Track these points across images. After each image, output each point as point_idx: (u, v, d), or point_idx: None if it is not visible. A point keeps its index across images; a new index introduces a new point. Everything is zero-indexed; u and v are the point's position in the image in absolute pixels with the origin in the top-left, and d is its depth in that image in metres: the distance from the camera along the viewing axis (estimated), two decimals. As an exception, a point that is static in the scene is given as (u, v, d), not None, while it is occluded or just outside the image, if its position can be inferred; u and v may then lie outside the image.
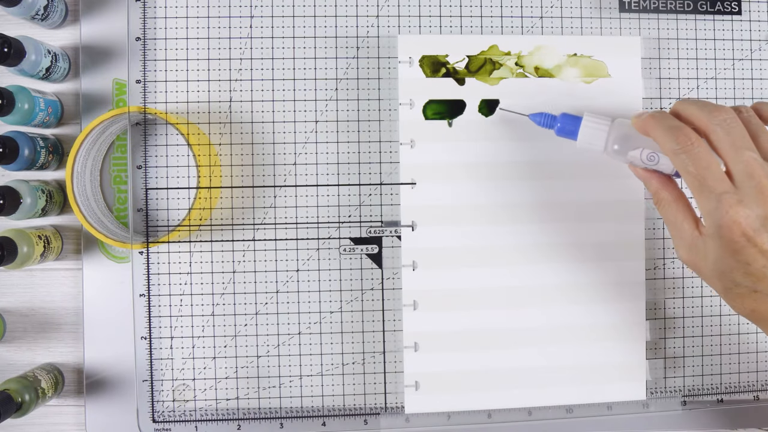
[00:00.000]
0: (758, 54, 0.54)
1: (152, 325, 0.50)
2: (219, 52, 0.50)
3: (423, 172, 0.51)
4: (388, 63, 0.51)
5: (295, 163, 0.51)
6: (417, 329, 0.51)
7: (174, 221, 0.50)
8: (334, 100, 0.51)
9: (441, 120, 0.51)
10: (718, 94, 0.53)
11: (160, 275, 0.50)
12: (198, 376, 0.50)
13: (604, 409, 0.52)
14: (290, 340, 0.51)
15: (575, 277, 0.51)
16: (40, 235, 0.48)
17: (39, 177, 0.51)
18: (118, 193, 0.51)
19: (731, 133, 0.37)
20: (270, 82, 0.51)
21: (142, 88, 0.50)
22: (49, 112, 0.48)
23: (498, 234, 0.51)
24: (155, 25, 0.50)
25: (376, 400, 0.51)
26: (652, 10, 0.53)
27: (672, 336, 0.53)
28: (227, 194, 0.51)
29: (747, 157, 0.36)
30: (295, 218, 0.51)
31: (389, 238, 0.51)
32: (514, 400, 0.51)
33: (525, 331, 0.51)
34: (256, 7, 0.50)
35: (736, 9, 0.53)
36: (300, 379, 0.51)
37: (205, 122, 0.50)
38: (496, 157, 0.51)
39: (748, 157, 0.36)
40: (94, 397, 0.51)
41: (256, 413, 0.50)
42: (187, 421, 0.50)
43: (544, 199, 0.51)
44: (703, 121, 0.38)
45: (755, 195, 0.35)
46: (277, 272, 0.51)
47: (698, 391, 0.53)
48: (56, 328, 0.51)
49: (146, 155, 0.50)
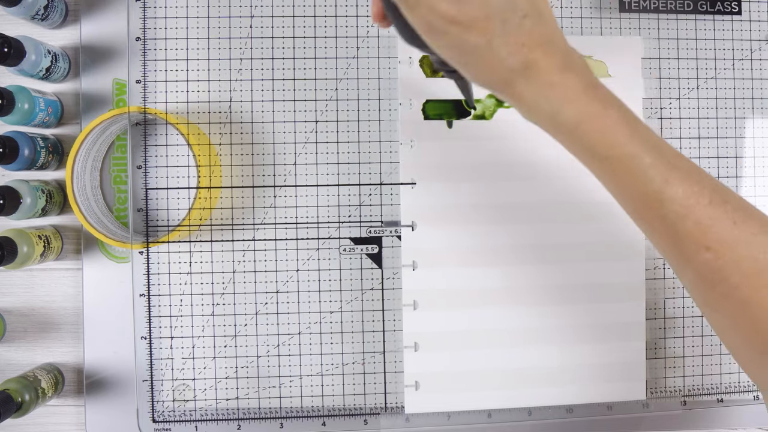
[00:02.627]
0: (758, 54, 0.54)
1: (152, 325, 0.50)
2: (219, 52, 0.50)
3: (423, 172, 0.51)
4: (388, 63, 0.51)
5: (295, 163, 0.51)
6: (417, 329, 0.51)
7: (174, 221, 0.50)
8: (334, 100, 0.51)
9: (441, 120, 0.51)
10: (718, 94, 0.53)
11: (160, 275, 0.50)
12: (198, 376, 0.50)
13: (604, 409, 0.52)
14: (290, 340, 0.51)
15: (575, 277, 0.51)
16: (40, 235, 0.48)
17: (39, 177, 0.51)
18: (118, 193, 0.51)
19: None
20: (270, 82, 0.51)
21: (142, 88, 0.50)
22: (49, 112, 0.48)
23: (498, 234, 0.51)
24: (155, 25, 0.50)
25: (376, 400, 0.51)
26: (652, 10, 0.53)
27: (672, 336, 0.53)
28: (227, 194, 0.51)
29: None
30: (295, 218, 0.51)
31: (389, 238, 0.51)
32: (514, 400, 0.51)
33: (525, 331, 0.51)
34: (256, 7, 0.50)
35: (736, 9, 0.53)
36: (300, 379, 0.51)
37: (205, 122, 0.50)
38: (496, 157, 0.51)
39: None
40: (94, 397, 0.51)
41: (256, 413, 0.50)
42: (187, 421, 0.50)
43: (544, 198, 0.51)
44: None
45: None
46: (277, 272, 0.51)
47: (698, 391, 0.53)
48: (56, 328, 0.51)
49: (146, 155, 0.50)
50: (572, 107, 0.31)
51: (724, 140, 0.53)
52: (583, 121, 0.32)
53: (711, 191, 0.32)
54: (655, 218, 0.33)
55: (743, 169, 0.54)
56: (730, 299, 0.32)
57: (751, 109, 0.54)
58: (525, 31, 0.30)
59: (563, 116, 0.32)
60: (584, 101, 0.31)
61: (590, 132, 0.32)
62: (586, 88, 0.32)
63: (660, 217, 0.32)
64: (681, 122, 0.53)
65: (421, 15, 0.30)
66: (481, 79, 0.32)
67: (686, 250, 0.32)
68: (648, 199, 0.32)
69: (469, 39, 0.30)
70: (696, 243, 0.32)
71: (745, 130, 0.54)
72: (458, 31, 0.30)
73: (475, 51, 0.30)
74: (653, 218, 0.33)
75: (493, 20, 0.30)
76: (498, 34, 0.30)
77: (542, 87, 0.31)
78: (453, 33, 0.30)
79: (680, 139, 0.53)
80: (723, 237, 0.32)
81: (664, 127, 0.53)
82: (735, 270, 0.32)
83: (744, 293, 0.32)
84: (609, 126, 0.32)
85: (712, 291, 0.33)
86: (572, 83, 0.31)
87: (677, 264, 0.34)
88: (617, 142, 0.32)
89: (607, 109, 0.32)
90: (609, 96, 0.32)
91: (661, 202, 0.32)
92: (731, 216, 0.32)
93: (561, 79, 0.31)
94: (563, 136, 0.33)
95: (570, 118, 0.32)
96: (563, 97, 0.31)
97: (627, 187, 0.33)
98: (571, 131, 0.32)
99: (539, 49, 0.31)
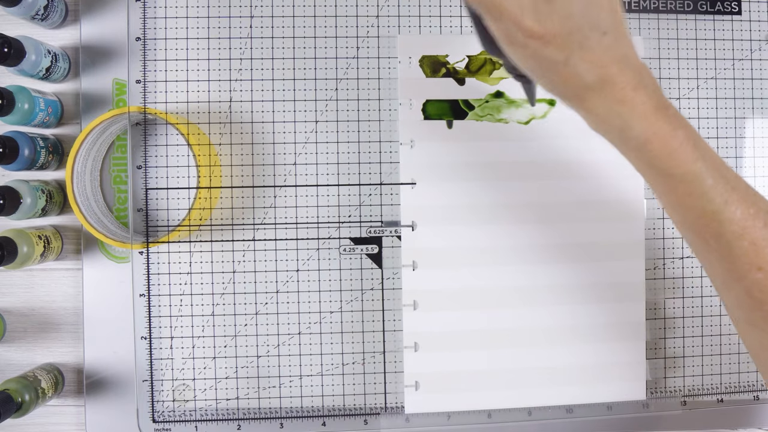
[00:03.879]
0: (758, 54, 0.54)
1: (152, 325, 0.50)
2: (219, 52, 0.50)
3: (423, 172, 0.51)
4: (388, 63, 0.51)
5: (295, 163, 0.51)
6: (417, 329, 0.50)
7: (174, 221, 0.50)
8: (334, 100, 0.51)
9: (441, 120, 0.51)
10: (718, 94, 0.53)
11: (160, 275, 0.50)
12: (198, 376, 0.50)
13: (604, 409, 0.52)
14: (290, 340, 0.51)
15: (575, 277, 0.51)
16: (40, 235, 0.48)
17: (39, 177, 0.51)
18: (118, 193, 0.51)
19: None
20: (270, 82, 0.51)
21: (142, 88, 0.50)
22: (49, 112, 0.48)
23: (498, 234, 0.51)
24: (155, 25, 0.50)
25: (376, 400, 0.51)
26: (652, 10, 0.53)
27: (672, 336, 0.53)
28: (227, 194, 0.51)
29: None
30: (295, 218, 0.51)
31: (389, 238, 0.51)
32: (514, 400, 0.51)
33: (525, 331, 0.51)
34: (256, 7, 0.50)
35: (736, 9, 0.53)
36: (300, 379, 0.51)
37: (205, 122, 0.50)
38: (496, 157, 0.51)
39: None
40: (94, 397, 0.51)
41: (256, 413, 0.50)
42: (187, 421, 0.50)
43: (544, 199, 0.51)
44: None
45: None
46: (277, 272, 0.51)
47: (698, 391, 0.53)
48: (56, 328, 0.51)
49: (146, 155, 0.50)
50: (642, 124, 0.32)
51: (724, 140, 0.53)
52: (651, 140, 0.33)
53: (766, 213, 0.34)
54: (712, 236, 0.34)
55: (743, 169, 0.54)
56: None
57: (751, 109, 0.54)
58: (603, 48, 0.31)
59: (633, 132, 0.33)
60: (653, 119, 0.32)
61: (657, 150, 0.33)
62: (657, 107, 0.33)
63: (716, 236, 0.34)
64: (681, 122, 0.53)
65: (504, 28, 0.30)
66: (555, 91, 0.33)
67: (739, 269, 0.34)
68: (706, 218, 0.34)
69: (548, 54, 0.31)
70: (750, 262, 0.33)
71: (745, 130, 0.54)
72: (538, 45, 0.30)
73: (553, 65, 0.31)
74: (710, 236, 0.34)
75: (574, 37, 0.30)
76: (577, 51, 0.31)
77: (614, 103, 0.32)
78: (533, 47, 0.31)
79: (680, 139, 0.53)
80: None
81: (664, 127, 0.53)
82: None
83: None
84: (676, 146, 0.33)
85: (760, 310, 0.34)
86: (643, 101, 0.32)
87: (726, 281, 0.35)
88: (682, 161, 0.33)
89: (675, 129, 0.33)
90: (677, 116, 0.34)
91: (720, 222, 0.33)
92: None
93: (633, 96, 0.32)
94: (631, 152, 0.34)
95: (639, 135, 0.33)
96: (634, 114, 0.32)
97: (686, 205, 0.34)
98: (639, 147, 0.33)
99: (615, 66, 0.31)
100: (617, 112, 0.32)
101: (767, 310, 0.34)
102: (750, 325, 0.35)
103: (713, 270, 0.36)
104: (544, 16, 0.30)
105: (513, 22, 0.30)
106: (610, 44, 0.31)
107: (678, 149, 0.33)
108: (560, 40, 0.30)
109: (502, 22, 0.30)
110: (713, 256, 0.35)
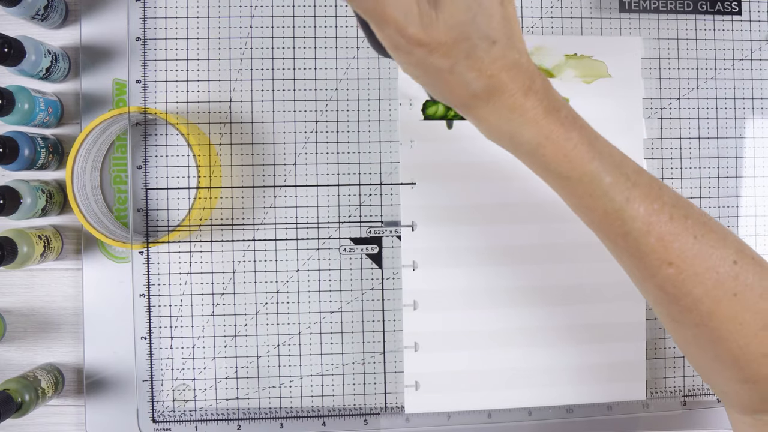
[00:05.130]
0: (758, 54, 0.54)
1: (152, 325, 0.50)
2: (219, 52, 0.50)
3: (423, 172, 0.51)
4: (388, 63, 0.51)
5: (295, 163, 0.51)
6: (417, 329, 0.50)
7: (174, 221, 0.50)
8: (334, 100, 0.51)
9: (440, 120, 0.51)
10: (718, 94, 0.53)
11: (160, 275, 0.50)
12: (198, 376, 0.50)
13: (604, 409, 0.52)
14: (290, 340, 0.51)
15: (575, 277, 0.51)
16: (40, 235, 0.48)
17: (39, 177, 0.51)
18: (118, 193, 0.51)
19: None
20: (270, 82, 0.51)
21: (142, 88, 0.50)
22: (49, 112, 0.48)
23: (498, 234, 0.51)
24: (155, 25, 0.50)
25: (376, 400, 0.51)
26: (652, 10, 0.53)
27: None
28: (227, 194, 0.51)
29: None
30: (295, 218, 0.51)
31: (389, 238, 0.51)
32: (514, 400, 0.51)
33: (525, 331, 0.51)
34: (256, 7, 0.50)
35: (736, 9, 0.53)
36: (300, 379, 0.51)
37: (205, 122, 0.50)
38: (496, 157, 0.51)
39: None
40: (94, 397, 0.51)
41: (256, 413, 0.50)
42: (187, 421, 0.50)
43: (544, 199, 0.51)
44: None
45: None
46: (277, 272, 0.51)
47: (698, 391, 0.53)
48: (56, 328, 0.51)
49: (146, 155, 0.50)
50: (533, 129, 0.32)
51: (724, 140, 0.53)
52: (543, 144, 0.32)
53: (671, 207, 0.33)
54: (618, 235, 0.33)
55: (743, 169, 0.54)
56: (693, 312, 0.33)
57: (751, 109, 0.54)
58: (492, 57, 0.30)
59: (523, 138, 0.32)
60: (544, 123, 0.32)
61: (551, 154, 0.32)
62: (548, 111, 0.32)
63: (622, 235, 0.33)
64: (681, 122, 0.53)
65: (389, 35, 0.30)
66: (443, 99, 0.33)
67: (649, 266, 0.33)
68: (610, 217, 0.33)
69: (433, 62, 0.30)
70: (659, 258, 0.32)
71: (745, 130, 0.54)
72: (422, 53, 0.30)
73: (438, 73, 0.31)
74: (616, 235, 0.33)
75: (460, 46, 0.30)
76: (462, 60, 0.30)
77: (504, 110, 0.31)
78: (417, 54, 0.30)
79: (680, 139, 0.53)
80: (684, 252, 0.32)
81: (664, 127, 0.53)
82: (697, 283, 0.33)
83: (706, 306, 0.33)
84: (570, 148, 0.32)
85: (676, 305, 0.33)
86: (534, 105, 0.31)
87: (641, 279, 0.34)
88: (578, 163, 0.32)
89: (569, 131, 0.32)
90: (571, 117, 0.33)
91: (623, 221, 0.33)
92: (692, 231, 0.33)
93: (523, 101, 0.31)
94: (524, 157, 0.34)
95: (530, 140, 0.32)
96: (524, 120, 0.32)
97: (588, 207, 0.33)
98: (531, 152, 0.33)
99: (505, 73, 0.31)
100: (507, 119, 0.32)
101: (683, 304, 0.33)
102: (671, 321, 0.35)
103: (627, 268, 0.35)
104: (429, 23, 0.29)
105: (396, 29, 0.29)
106: (499, 53, 0.30)
107: (572, 151, 0.32)
108: (445, 49, 0.29)
109: (386, 29, 0.29)
110: (623, 255, 0.34)
